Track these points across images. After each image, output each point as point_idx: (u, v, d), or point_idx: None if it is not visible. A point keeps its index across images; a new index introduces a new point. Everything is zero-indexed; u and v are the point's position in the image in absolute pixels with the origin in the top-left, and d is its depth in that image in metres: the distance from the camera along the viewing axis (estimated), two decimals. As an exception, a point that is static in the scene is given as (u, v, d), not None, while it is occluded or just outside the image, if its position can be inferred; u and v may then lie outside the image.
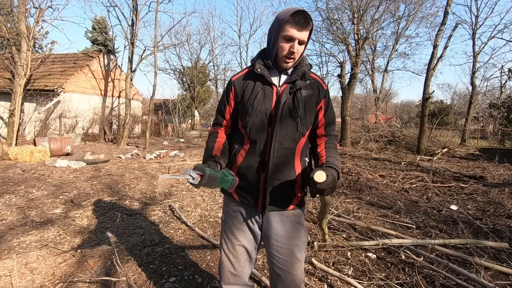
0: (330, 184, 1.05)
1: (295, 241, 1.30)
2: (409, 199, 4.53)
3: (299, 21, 1.13)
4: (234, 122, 1.37)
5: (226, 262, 1.35)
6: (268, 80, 1.24)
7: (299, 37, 1.16)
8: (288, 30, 1.15)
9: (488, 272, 2.27)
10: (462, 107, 25.99)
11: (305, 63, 1.28)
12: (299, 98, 1.22)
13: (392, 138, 11.55)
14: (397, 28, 18.92)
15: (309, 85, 1.26)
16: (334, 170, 1.13)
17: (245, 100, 1.26)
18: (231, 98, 1.32)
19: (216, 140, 1.33)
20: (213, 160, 1.23)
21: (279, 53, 1.21)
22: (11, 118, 8.93)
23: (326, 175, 1.05)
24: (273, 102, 1.24)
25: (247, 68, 1.34)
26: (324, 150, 1.27)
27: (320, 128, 1.33)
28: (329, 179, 1.05)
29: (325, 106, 1.31)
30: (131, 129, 14.30)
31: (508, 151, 9.39)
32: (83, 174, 5.80)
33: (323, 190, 1.06)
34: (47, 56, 13.59)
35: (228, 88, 1.33)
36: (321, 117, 1.32)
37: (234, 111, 1.34)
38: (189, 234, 3.03)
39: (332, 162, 1.19)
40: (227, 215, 1.38)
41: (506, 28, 14.79)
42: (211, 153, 1.26)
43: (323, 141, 1.33)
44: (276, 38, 1.19)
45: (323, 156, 1.25)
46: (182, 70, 25.05)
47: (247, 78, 1.29)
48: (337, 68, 14.30)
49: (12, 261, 2.32)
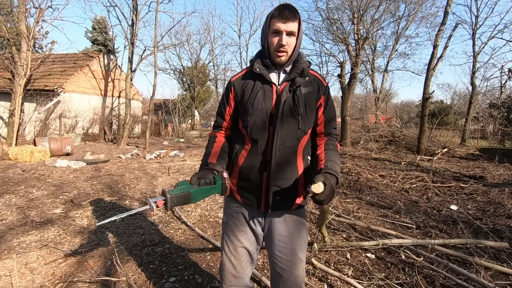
0: (328, 195, 1.05)
1: (298, 241, 1.30)
2: (409, 199, 4.53)
3: (283, 13, 1.16)
4: (235, 123, 1.37)
5: (227, 264, 1.33)
6: (267, 79, 1.24)
7: (286, 29, 1.17)
8: (274, 24, 1.18)
9: (488, 272, 2.27)
10: (462, 107, 25.99)
11: (304, 60, 1.27)
12: (299, 95, 1.22)
13: (392, 138, 11.54)
14: (397, 28, 18.95)
15: (308, 82, 1.26)
16: (332, 177, 1.11)
17: (245, 100, 1.26)
18: (231, 98, 1.32)
19: (213, 145, 1.33)
20: (208, 169, 1.23)
21: (270, 48, 1.22)
22: (11, 118, 8.93)
23: (323, 185, 1.04)
24: (273, 101, 1.23)
25: (246, 68, 1.35)
26: (324, 153, 1.26)
27: (319, 126, 1.32)
28: (327, 190, 1.04)
29: (324, 103, 1.30)
30: (131, 129, 14.31)
31: (508, 151, 9.39)
32: (83, 174, 5.80)
33: (321, 201, 1.05)
34: (47, 56, 13.59)
35: (228, 89, 1.33)
36: (321, 114, 1.31)
37: (234, 111, 1.34)
38: (189, 234, 3.03)
39: (330, 167, 1.17)
40: (228, 216, 1.37)
41: (506, 28, 14.82)
42: (206, 160, 1.27)
43: (323, 141, 1.31)
44: (266, 35, 1.22)
45: (322, 160, 1.23)
46: (182, 70, 25.04)
47: (246, 78, 1.29)
48: (337, 68, 14.31)
49: (12, 261, 2.32)
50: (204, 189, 1.13)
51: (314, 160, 1.31)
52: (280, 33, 1.18)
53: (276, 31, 1.18)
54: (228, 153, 1.35)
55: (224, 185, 1.18)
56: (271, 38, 1.20)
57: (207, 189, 1.15)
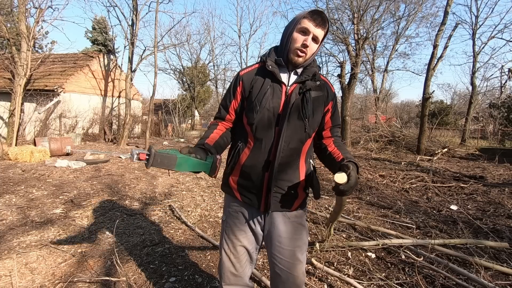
0: (352, 185, 1.02)
1: (297, 242, 1.29)
2: (409, 199, 4.53)
3: (316, 18, 1.16)
4: (237, 118, 1.34)
5: (227, 262, 1.33)
6: (278, 78, 1.22)
7: (314, 32, 1.17)
8: (304, 22, 1.17)
9: (488, 272, 2.27)
10: (462, 107, 25.98)
11: (316, 65, 1.28)
12: (308, 99, 1.21)
13: (392, 138, 11.54)
14: (397, 28, 18.94)
15: (318, 87, 1.26)
16: (354, 166, 1.08)
17: (253, 97, 1.24)
18: (238, 92, 1.29)
19: (214, 130, 1.30)
20: (202, 148, 1.19)
21: (292, 45, 1.20)
22: (11, 118, 8.93)
23: (347, 175, 1.02)
24: (282, 101, 1.22)
25: (257, 63, 1.32)
26: (336, 148, 1.26)
27: (326, 130, 1.33)
28: (352, 180, 1.02)
29: (332, 109, 1.31)
30: (131, 129, 14.30)
31: (508, 151, 9.39)
32: (83, 174, 5.80)
33: (344, 191, 1.03)
34: (47, 56, 13.59)
35: (236, 82, 1.30)
36: (328, 119, 1.31)
37: (239, 106, 1.31)
38: (189, 234, 3.03)
39: (350, 157, 1.17)
40: (228, 215, 1.36)
41: (506, 28, 14.83)
42: (202, 141, 1.23)
43: (331, 141, 1.31)
44: (291, 32, 1.20)
45: (337, 153, 1.23)
46: (182, 70, 25.03)
47: (256, 74, 1.27)
48: (337, 68, 14.32)
49: (12, 261, 2.32)
50: (192, 161, 1.08)
51: (327, 157, 1.29)
52: (308, 33, 1.17)
53: (305, 30, 1.17)
54: (229, 147, 1.34)
55: (214, 164, 1.13)
56: (297, 35, 1.18)
57: (196, 162, 1.09)
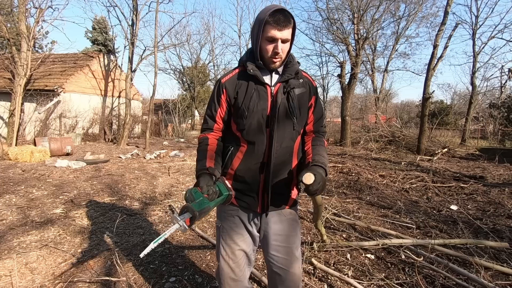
0: (319, 184, 1.08)
1: (293, 239, 1.31)
2: (409, 199, 4.53)
3: (278, 20, 1.11)
4: (226, 125, 1.33)
5: (226, 268, 1.31)
6: (261, 80, 1.22)
7: (281, 37, 1.14)
8: (269, 31, 1.13)
9: (488, 272, 2.26)
10: (462, 107, 25.98)
11: (295, 61, 1.28)
12: (293, 97, 1.23)
13: (392, 138, 11.54)
14: (397, 28, 18.94)
15: (301, 84, 1.27)
16: (321, 169, 1.14)
17: (239, 103, 1.23)
18: (223, 100, 1.26)
19: (207, 148, 1.26)
20: (207, 173, 1.16)
21: (264, 54, 1.19)
22: (11, 118, 8.94)
23: (314, 175, 1.07)
24: (269, 103, 1.23)
25: (237, 68, 1.30)
26: (311, 148, 1.29)
27: (309, 125, 1.35)
28: (318, 179, 1.07)
29: (314, 103, 1.33)
30: (131, 129, 14.29)
31: (508, 151, 9.39)
32: (83, 174, 5.80)
33: (314, 191, 1.08)
34: (47, 56, 13.58)
35: (220, 90, 1.26)
36: (311, 114, 1.33)
37: (226, 114, 1.30)
38: (189, 234, 3.03)
39: (318, 160, 1.20)
40: (223, 220, 1.34)
41: (506, 28, 14.81)
42: (204, 164, 1.19)
43: (310, 138, 1.34)
44: (258, 40, 1.18)
45: (309, 154, 1.27)
46: (182, 70, 25.03)
47: (238, 79, 1.26)
48: (337, 68, 14.30)
49: (12, 261, 2.32)
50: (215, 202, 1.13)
51: (302, 156, 1.34)
52: (276, 41, 1.15)
53: (271, 39, 1.15)
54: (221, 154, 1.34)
55: (229, 196, 1.15)
56: (266, 46, 1.17)
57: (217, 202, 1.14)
